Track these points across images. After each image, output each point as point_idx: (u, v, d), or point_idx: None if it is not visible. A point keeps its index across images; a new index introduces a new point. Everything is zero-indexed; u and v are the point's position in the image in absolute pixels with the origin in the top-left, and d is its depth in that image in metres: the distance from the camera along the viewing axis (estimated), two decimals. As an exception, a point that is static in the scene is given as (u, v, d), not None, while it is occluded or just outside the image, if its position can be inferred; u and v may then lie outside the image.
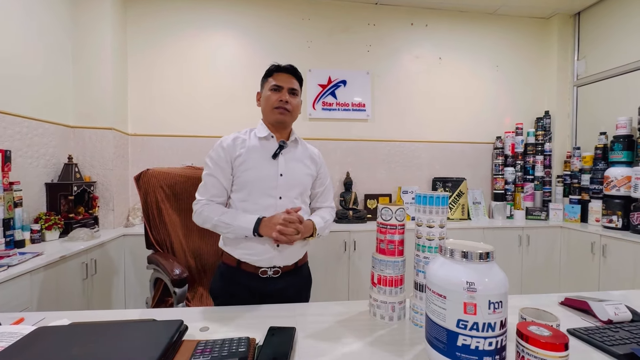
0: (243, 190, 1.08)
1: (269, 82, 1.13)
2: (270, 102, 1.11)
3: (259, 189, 1.08)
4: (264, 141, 1.13)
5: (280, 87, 1.11)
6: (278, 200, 1.08)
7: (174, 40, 2.51)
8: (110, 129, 2.20)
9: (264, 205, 1.07)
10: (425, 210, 0.86)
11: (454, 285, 0.64)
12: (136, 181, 1.50)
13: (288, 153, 1.14)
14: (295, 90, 1.14)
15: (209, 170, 1.10)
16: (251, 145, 1.11)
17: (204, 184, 1.10)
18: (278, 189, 1.09)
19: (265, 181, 1.08)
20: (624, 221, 2.26)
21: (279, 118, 1.11)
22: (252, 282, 1.08)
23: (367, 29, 2.74)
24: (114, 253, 2.01)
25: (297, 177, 1.13)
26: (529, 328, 0.64)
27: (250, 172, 1.08)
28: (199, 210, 1.08)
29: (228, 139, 1.12)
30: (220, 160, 1.09)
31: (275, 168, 1.10)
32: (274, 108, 1.10)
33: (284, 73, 1.13)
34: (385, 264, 0.89)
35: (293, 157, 1.15)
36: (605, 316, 0.88)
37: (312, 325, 0.86)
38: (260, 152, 1.10)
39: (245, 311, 0.95)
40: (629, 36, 2.46)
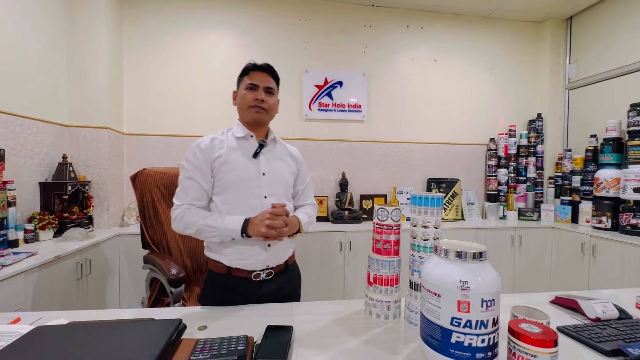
0: (226, 192, 1.06)
1: (245, 81, 1.12)
2: (245, 100, 1.10)
3: (242, 190, 1.06)
4: (243, 141, 1.11)
5: (256, 85, 1.11)
6: (263, 199, 1.07)
7: (170, 39, 2.51)
8: (106, 128, 2.19)
9: (249, 205, 1.05)
10: (420, 210, 0.88)
11: (448, 284, 0.66)
12: (132, 181, 1.50)
13: (268, 152, 1.13)
14: (271, 89, 1.13)
15: (187, 174, 1.06)
16: (230, 146, 1.09)
17: (182, 188, 1.06)
18: (262, 188, 1.08)
19: (248, 181, 1.06)
20: (613, 222, 2.31)
21: (255, 117, 1.10)
22: (245, 287, 1.06)
23: (363, 30, 2.76)
24: (108, 253, 2.00)
25: (280, 175, 1.13)
26: (520, 325, 0.66)
27: (232, 173, 1.05)
28: (179, 215, 1.03)
29: (205, 140, 1.08)
30: (198, 162, 1.05)
31: (257, 167, 1.09)
32: (249, 107, 1.10)
33: (260, 72, 1.13)
34: (381, 264, 0.91)
35: (274, 155, 1.15)
36: (594, 314, 0.90)
37: (309, 324, 0.87)
38: (240, 152, 1.09)
39: (242, 311, 0.96)
40: (618, 41, 2.52)
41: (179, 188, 1.06)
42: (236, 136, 1.11)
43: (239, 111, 1.15)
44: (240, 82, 1.15)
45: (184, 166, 1.07)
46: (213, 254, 1.08)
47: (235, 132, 1.13)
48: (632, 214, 2.17)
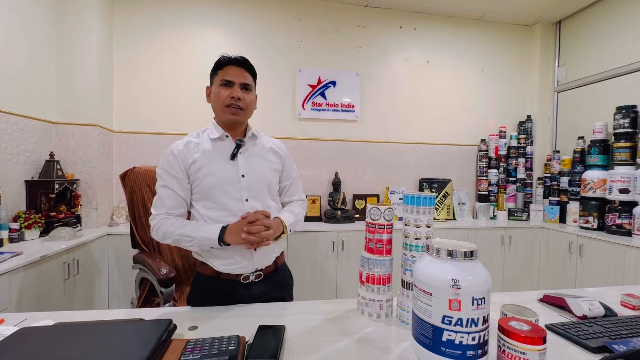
0: (206, 199, 1.02)
1: (219, 77, 1.04)
2: (220, 99, 1.03)
3: (222, 195, 1.01)
4: (219, 142, 1.05)
5: (231, 82, 1.03)
6: (245, 202, 1.03)
7: (161, 35, 2.47)
8: (95, 126, 2.15)
9: (231, 210, 1.01)
10: (412, 210, 0.88)
11: (440, 282, 0.66)
12: (122, 179, 1.47)
13: (247, 151, 1.07)
14: (248, 85, 1.06)
15: (162, 182, 1.01)
16: (205, 149, 1.03)
17: (159, 197, 1.01)
18: (242, 191, 1.03)
19: (227, 185, 1.01)
20: (600, 222, 2.36)
21: (232, 118, 1.04)
22: (234, 290, 1.03)
23: (357, 30, 2.77)
24: (97, 253, 1.96)
25: (261, 175, 1.07)
26: (509, 323, 0.67)
27: (209, 178, 1.01)
28: (156, 225, 0.99)
29: (179, 145, 1.03)
30: (173, 169, 1.00)
31: (236, 169, 1.03)
32: (225, 106, 1.03)
33: (235, 66, 1.04)
34: (373, 263, 0.91)
35: (253, 154, 1.09)
36: (580, 312, 0.92)
37: (302, 324, 0.87)
38: (217, 155, 1.03)
39: (234, 311, 0.95)
40: (605, 45, 2.58)
41: (156, 197, 1.02)
42: (211, 137, 1.05)
43: (213, 110, 1.08)
44: (214, 78, 1.07)
45: (159, 174, 1.02)
46: (201, 257, 1.05)
47: (211, 132, 1.07)
48: (617, 214, 2.23)
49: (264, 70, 2.61)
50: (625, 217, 2.19)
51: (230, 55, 1.06)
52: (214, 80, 1.07)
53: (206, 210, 1.02)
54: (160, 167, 1.02)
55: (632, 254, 1.99)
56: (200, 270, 1.06)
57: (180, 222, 0.99)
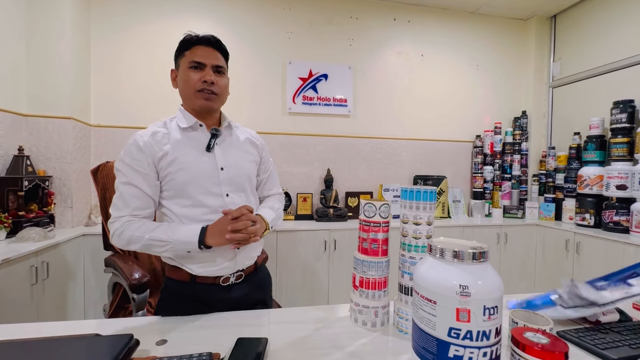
0: (181, 195, 0.90)
1: (186, 58, 0.92)
2: (191, 83, 0.91)
3: (199, 191, 0.90)
4: (191, 132, 0.94)
5: (202, 64, 0.92)
6: (225, 198, 0.93)
7: (144, 24, 2.33)
8: (69, 119, 2.00)
9: (211, 207, 0.91)
10: (411, 206, 0.79)
11: (446, 289, 0.57)
12: (93, 175, 1.35)
13: (223, 141, 0.97)
14: (221, 68, 0.95)
15: (124, 178, 0.87)
16: (176, 140, 0.91)
17: (121, 195, 0.87)
18: (222, 186, 0.93)
19: (204, 180, 0.91)
20: (596, 219, 2.32)
21: (205, 104, 0.93)
22: (212, 294, 0.93)
23: (349, 22, 2.67)
24: (70, 255, 1.82)
25: (241, 167, 0.98)
26: (525, 335, 0.59)
27: (183, 172, 0.89)
28: (118, 230, 0.85)
29: (144, 135, 0.90)
30: (138, 164, 0.87)
31: (213, 162, 0.93)
32: (197, 91, 0.91)
33: (205, 46, 0.93)
34: (368, 265, 0.82)
35: (230, 145, 0.99)
36: (594, 317, 0.84)
37: (287, 334, 0.77)
38: (190, 146, 0.92)
39: (210, 320, 0.84)
40: (601, 39, 2.54)
41: (116, 196, 0.88)
42: (181, 126, 0.93)
43: (182, 97, 0.96)
44: (180, 60, 0.95)
45: (120, 169, 0.88)
46: (172, 261, 0.93)
47: (180, 121, 0.94)
48: (614, 211, 2.18)
49: (252, 62, 2.50)
50: (622, 214, 2.15)
51: (199, 34, 0.93)
52: (180, 62, 0.95)
53: (181, 208, 0.91)
54: (121, 162, 0.88)
55: (630, 251, 1.94)
56: (171, 276, 0.95)
57: (149, 224, 0.87)
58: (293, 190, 2.56)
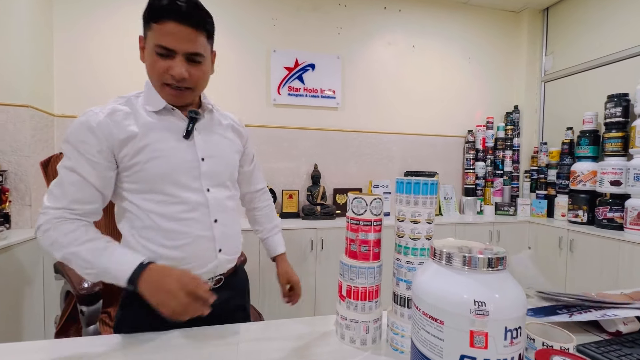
0: (153, 190, 0.75)
1: (154, 34, 0.70)
2: (156, 73, 0.73)
3: (175, 184, 0.76)
4: (164, 115, 0.77)
5: (172, 51, 0.71)
6: (206, 193, 0.80)
7: (114, 10, 2.13)
8: (27, 107, 1.80)
9: (190, 204, 0.77)
10: (409, 200, 0.66)
11: (456, 305, 0.44)
12: (43, 167, 1.18)
13: (204, 127, 0.82)
14: (197, 56, 0.73)
15: (68, 162, 0.70)
16: (146, 122, 0.74)
17: (60, 182, 0.70)
18: (202, 179, 0.79)
19: (182, 172, 0.76)
20: (589, 216, 2.26)
21: (172, 100, 0.77)
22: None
23: (338, 9, 2.53)
24: (26, 258, 1.63)
25: (224, 157, 0.85)
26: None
27: (156, 162, 0.74)
28: (44, 225, 0.68)
29: (99, 113, 0.71)
30: (86, 148, 0.70)
31: (193, 150, 0.79)
32: (163, 84, 0.74)
33: (179, 23, 0.69)
34: (356, 271, 0.69)
35: (212, 131, 0.84)
36: (614, 327, 0.74)
37: (260, 356, 0.64)
38: (164, 131, 0.76)
39: (168, 338, 0.70)
40: (594, 32, 2.48)
41: (55, 182, 0.71)
42: (148, 110, 0.76)
43: (149, 77, 0.77)
44: (148, 31, 0.73)
45: (64, 151, 0.72)
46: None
47: (147, 102, 0.77)
48: (608, 208, 2.13)
49: (233, 50, 2.33)
50: (616, 211, 2.09)
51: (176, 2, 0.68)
52: (147, 34, 0.73)
53: (153, 204, 0.75)
54: (66, 142, 0.71)
55: (625, 248, 1.89)
56: None
57: (83, 232, 0.69)
58: (278, 187, 2.41)
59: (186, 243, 0.77)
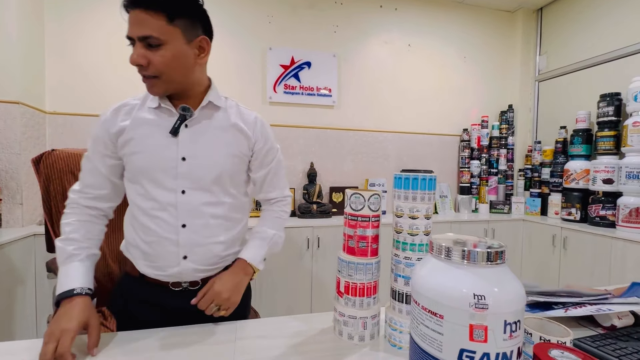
0: (136, 182, 0.79)
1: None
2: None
3: (151, 181, 0.76)
4: (161, 110, 0.79)
5: (132, 39, 0.70)
6: (180, 195, 0.77)
7: (106, 2, 2.10)
8: (17, 103, 1.76)
9: (159, 203, 0.76)
10: (407, 196, 0.66)
11: (456, 300, 0.44)
12: (35, 165, 1.15)
13: (197, 124, 0.79)
14: (150, 39, 0.68)
15: (88, 152, 0.82)
16: (139, 117, 0.77)
17: (82, 168, 0.82)
18: (179, 180, 0.77)
19: (159, 169, 0.76)
20: (582, 213, 2.29)
21: (149, 91, 0.76)
22: (162, 299, 0.81)
23: (334, 7, 2.52)
24: (18, 257, 1.60)
25: (210, 159, 0.79)
26: (551, 354, 0.47)
27: (137, 156, 0.76)
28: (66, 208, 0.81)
29: (108, 110, 0.80)
30: (98, 140, 0.79)
31: (174, 149, 0.76)
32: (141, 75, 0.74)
33: (132, 9, 0.68)
34: (354, 267, 0.68)
35: (205, 130, 0.80)
36: (608, 322, 0.75)
37: (257, 354, 0.63)
38: (153, 127, 0.77)
39: (163, 335, 0.69)
40: (587, 32, 2.51)
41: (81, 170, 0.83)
42: (148, 106, 0.79)
43: None
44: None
45: (89, 141, 0.82)
46: (127, 254, 0.85)
47: (150, 97, 0.80)
48: (601, 205, 2.15)
49: (230, 48, 2.31)
50: (609, 208, 2.12)
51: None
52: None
53: (136, 196, 0.80)
54: (90, 135, 0.82)
55: (618, 246, 1.91)
56: (127, 269, 0.87)
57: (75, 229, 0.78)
58: (274, 185, 2.40)
59: (153, 241, 0.78)
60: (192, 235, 0.78)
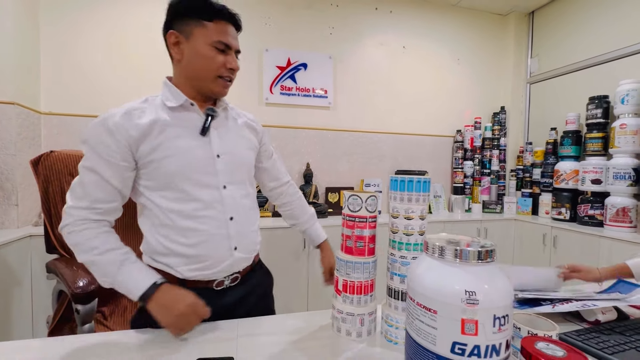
0: (168, 187, 0.76)
1: (209, 32, 0.76)
2: (213, 66, 0.78)
3: (190, 182, 0.77)
4: (181, 111, 0.79)
5: (228, 47, 0.79)
6: (222, 190, 0.81)
7: (101, 5, 2.10)
8: (12, 104, 1.75)
9: (205, 201, 0.78)
10: (402, 197, 0.69)
11: (449, 296, 0.47)
12: (33, 166, 1.16)
13: (220, 125, 0.84)
14: (239, 53, 0.85)
15: (88, 163, 0.73)
16: (162, 120, 0.76)
17: (81, 182, 0.73)
18: (219, 176, 0.81)
19: (198, 169, 0.78)
20: (572, 213, 2.35)
21: (222, 92, 0.83)
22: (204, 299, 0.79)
23: (329, 9, 2.55)
24: (14, 259, 1.60)
25: (240, 155, 0.87)
26: (537, 346, 0.50)
27: (171, 159, 0.75)
28: (68, 227, 0.72)
29: (115, 115, 0.73)
30: (105, 151, 0.72)
31: (208, 147, 0.80)
32: (217, 77, 0.79)
33: (231, 25, 0.80)
34: (352, 267, 0.71)
35: (227, 128, 0.86)
36: (593, 317, 0.79)
37: (258, 350, 0.65)
38: (181, 128, 0.78)
39: (165, 336, 0.71)
40: (578, 35, 2.57)
41: (77, 180, 0.74)
42: (169, 105, 0.78)
43: (188, 72, 0.80)
44: (195, 28, 0.76)
45: (86, 152, 0.73)
46: (157, 264, 0.80)
47: (167, 98, 0.79)
48: (589, 205, 2.21)
49: (226, 48, 2.32)
50: (597, 208, 2.18)
51: (226, 6, 0.79)
52: (195, 31, 0.77)
53: (168, 202, 0.77)
54: (86, 142, 0.73)
55: (605, 244, 1.97)
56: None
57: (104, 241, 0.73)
58: (270, 186, 2.42)
59: (201, 241, 0.78)
60: (238, 226, 0.83)
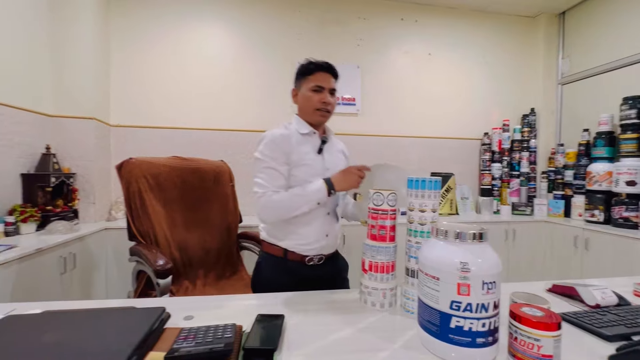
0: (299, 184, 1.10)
1: (309, 82, 1.12)
2: (312, 103, 1.12)
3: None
4: (308, 137, 1.15)
5: (322, 87, 1.12)
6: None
7: (160, 30, 2.44)
8: (91, 119, 2.11)
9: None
10: (417, 194, 0.84)
11: (448, 266, 0.63)
12: (118, 170, 1.44)
13: (327, 148, 1.18)
14: (334, 90, 1.16)
15: (265, 164, 1.08)
16: (299, 141, 1.11)
17: (264, 177, 1.08)
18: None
19: (315, 177, 1.09)
20: (606, 215, 2.32)
21: (321, 120, 1.15)
22: (297, 270, 1.12)
23: (357, 22, 2.72)
24: (94, 247, 1.93)
25: (336, 170, 1.16)
26: (521, 309, 0.64)
27: (302, 168, 1.10)
28: (266, 198, 1.05)
29: (276, 132, 1.10)
30: (276, 155, 1.08)
31: (322, 163, 1.14)
32: (316, 109, 1.12)
33: (324, 72, 1.13)
34: (376, 250, 0.88)
35: (332, 151, 1.21)
36: (593, 301, 0.88)
37: (302, 313, 0.84)
38: (307, 147, 1.13)
39: (232, 300, 0.92)
40: (610, 35, 2.53)
41: (259, 178, 1.07)
42: (301, 132, 1.13)
43: (301, 111, 1.17)
44: (302, 82, 1.15)
45: (261, 159, 1.08)
46: (273, 238, 1.14)
47: (299, 128, 1.14)
48: (624, 207, 2.18)
49: (260, 62, 2.58)
50: (632, 210, 2.15)
51: (318, 61, 1.13)
52: (302, 84, 1.15)
53: None
54: (261, 153, 1.09)
55: (639, 246, 1.95)
56: (268, 251, 1.16)
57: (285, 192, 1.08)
58: (303, 187, 2.63)
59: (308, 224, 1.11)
60: (331, 220, 1.16)
